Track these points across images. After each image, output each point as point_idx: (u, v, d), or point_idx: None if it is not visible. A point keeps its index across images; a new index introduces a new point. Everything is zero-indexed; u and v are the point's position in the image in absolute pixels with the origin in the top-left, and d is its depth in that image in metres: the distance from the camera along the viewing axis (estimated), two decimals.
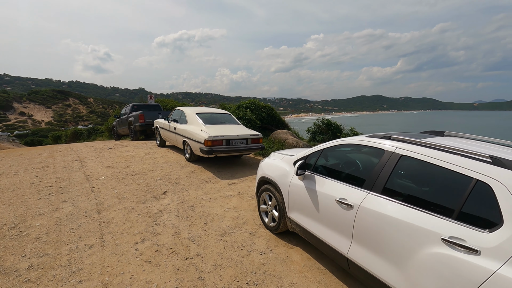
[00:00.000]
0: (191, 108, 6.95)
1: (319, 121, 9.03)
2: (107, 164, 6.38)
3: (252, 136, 5.98)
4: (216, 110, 7.04)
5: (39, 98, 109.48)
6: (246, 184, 5.11)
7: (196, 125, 6.14)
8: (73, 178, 5.39)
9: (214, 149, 5.51)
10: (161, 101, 17.04)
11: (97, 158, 7.23)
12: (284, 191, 3.10)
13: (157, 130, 8.38)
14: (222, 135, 5.60)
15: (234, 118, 6.90)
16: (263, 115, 9.26)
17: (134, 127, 10.77)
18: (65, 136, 28.88)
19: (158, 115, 10.79)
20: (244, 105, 9.30)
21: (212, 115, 6.74)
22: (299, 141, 6.46)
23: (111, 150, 8.29)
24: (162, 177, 5.36)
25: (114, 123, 13.36)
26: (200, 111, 6.67)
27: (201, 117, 6.37)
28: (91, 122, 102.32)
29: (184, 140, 6.34)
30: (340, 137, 8.61)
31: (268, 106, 9.83)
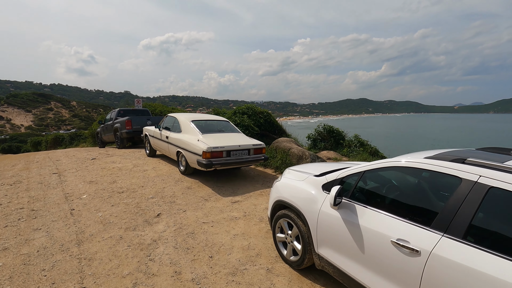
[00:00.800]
0: (185, 115, 6.31)
1: (320, 128, 8.56)
2: (90, 179, 5.63)
3: (254, 146, 5.41)
4: (213, 117, 6.43)
5: (18, 101, 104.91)
6: (251, 202, 4.52)
7: (192, 134, 5.51)
8: (50, 197, 4.64)
9: (214, 161, 4.90)
10: (149, 106, 16.20)
11: (79, 170, 6.46)
12: (310, 220, 2.54)
13: (146, 139, 7.66)
14: (222, 145, 5.00)
15: (233, 126, 6.31)
16: (261, 121, 8.70)
17: (120, 134, 9.98)
18: (46, 142, 27.41)
19: (147, 121, 10.06)
20: (241, 111, 8.71)
21: (209, 122, 6.13)
22: (305, 151, 5.94)
23: (94, 160, 7.51)
24: (154, 194, 4.69)
25: (98, 129, 12.47)
26: (196, 118, 6.04)
27: (197, 125, 5.74)
28: (74, 126, 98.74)
29: (178, 150, 5.69)
30: (344, 145, 8.18)
31: (266, 111, 9.29)
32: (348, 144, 7.91)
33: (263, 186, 5.32)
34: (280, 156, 6.20)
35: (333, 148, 8.14)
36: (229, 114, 8.84)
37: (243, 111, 8.69)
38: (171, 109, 16.67)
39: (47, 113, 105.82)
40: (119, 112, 10.87)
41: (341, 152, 7.79)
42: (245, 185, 5.31)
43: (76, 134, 24.49)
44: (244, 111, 8.70)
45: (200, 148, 4.91)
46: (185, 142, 5.41)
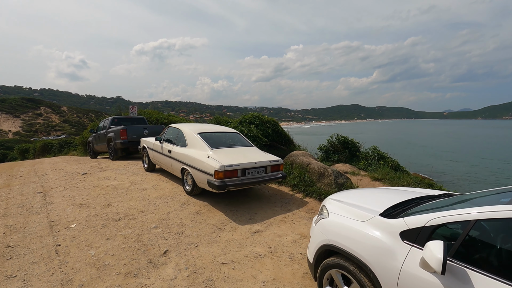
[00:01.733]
0: (190, 126, 5.60)
1: (333, 138, 7.95)
2: (80, 201, 4.85)
3: (272, 162, 4.73)
4: (221, 129, 5.73)
5: (6, 106, 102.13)
6: (274, 231, 3.83)
7: (200, 149, 4.80)
8: (31, 227, 3.86)
9: (228, 182, 4.20)
10: (144, 113, 15.40)
11: (68, 189, 5.66)
12: (384, 280, 1.86)
13: (144, 151, 6.90)
14: (236, 163, 4.31)
15: (244, 138, 5.63)
16: (269, 131, 8.05)
17: (114, 145, 9.18)
18: (34, 149, 26.20)
19: (144, 130, 9.30)
20: (248, 120, 8.03)
21: (217, 135, 5.44)
22: (326, 167, 5.28)
23: (86, 176, 6.70)
24: (158, 223, 3.95)
25: (90, 138, 11.62)
26: (203, 130, 5.33)
27: (204, 138, 5.04)
28: (64, 132, 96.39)
29: (184, 167, 4.97)
30: (360, 157, 7.57)
31: (273, 120, 8.64)
32: (365, 157, 7.30)
33: (282, 209, 4.63)
34: (297, 173, 5.53)
35: (348, 161, 7.53)
36: (234, 123, 8.15)
37: (250, 120, 8.02)
38: (167, 116, 15.89)
39: (36, 119, 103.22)
40: (113, 121, 10.07)
41: (358, 166, 7.18)
42: (262, 208, 4.61)
43: (66, 141, 23.38)
44: (251, 120, 8.03)
45: (211, 167, 4.21)
46: (192, 158, 4.70)
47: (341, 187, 5.02)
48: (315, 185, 5.21)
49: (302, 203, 4.88)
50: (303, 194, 5.21)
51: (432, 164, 23.84)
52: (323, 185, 5.09)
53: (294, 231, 3.86)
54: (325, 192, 4.91)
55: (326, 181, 5.10)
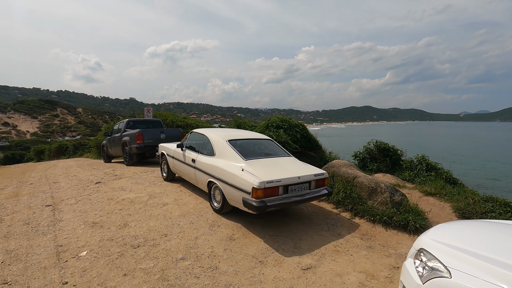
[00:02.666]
0: (217, 132, 4.88)
1: (371, 145, 7.09)
2: (93, 218, 4.20)
3: (316, 176, 3.95)
4: (251, 135, 4.98)
5: (25, 108, 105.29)
6: (330, 267, 3.04)
7: (231, 160, 4.07)
8: (35, 254, 3.21)
9: (268, 202, 3.45)
10: (159, 115, 14.89)
11: (80, 201, 5.05)
12: None
13: (163, 158, 6.23)
14: (278, 178, 3.55)
15: (279, 146, 4.86)
16: (298, 136, 7.27)
17: (129, 149, 8.61)
18: (49, 151, 26.34)
19: (160, 134, 8.69)
20: (275, 124, 7.26)
21: (249, 142, 4.70)
22: (378, 182, 4.43)
23: (99, 185, 6.10)
24: (185, 252, 3.23)
25: (104, 141, 11.13)
26: (232, 136, 4.59)
27: (235, 146, 4.31)
28: (80, 133, 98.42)
29: (211, 180, 4.25)
30: (404, 167, 6.66)
31: (301, 124, 7.85)
32: (410, 166, 6.40)
33: (331, 233, 3.84)
34: (341, 187, 4.72)
35: (389, 171, 6.65)
36: (260, 127, 7.39)
37: (277, 124, 7.25)
38: (183, 118, 15.32)
39: (53, 120, 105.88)
40: (128, 123, 9.52)
41: (402, 176, 6.30)
42: (306, 232, 3.83)
43: (80, 143, 23.31)
44: (278, 124, 7.26)
45: (248, 183, 3.47)
46: (222, 171, 3.98)
47: (399, 207, 4.18)
48: (365, 203, 4.39)
49: (352, 226, 4.07)
50: (351, 214, 4.40)
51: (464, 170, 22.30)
52: (376, 204, 4.26)
53: (355, 267, 3.06)
54: (380, 213, 4.08)
55: (379, 198, 4.27)
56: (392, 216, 3.99)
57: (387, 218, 4.00)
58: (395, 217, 3.97)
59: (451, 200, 4.93)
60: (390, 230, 3.95)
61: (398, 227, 3.97)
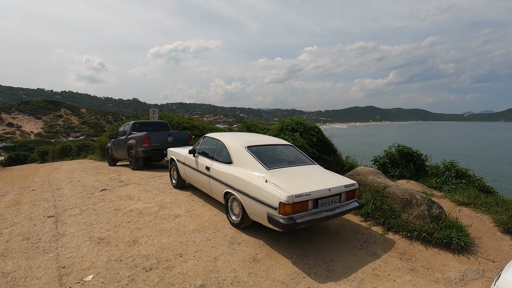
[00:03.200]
0: (233, 137, 4.48)
1: (392, 149, 6.64)
2: (99, 233, 3.82)
3: (347, 188, 3.54)
4: (270, 140, 4.54)
5: (29, 108, 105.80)
6: None
7: (252, 169, 3.67)
8: (34, 278, 2.83)
9: (298, 218, 3.04)
10: (164, 116, 14.53)
11: (84, 211, 4.67)
12: None
13: (172, 164, 5.84)
14: (307, 191, 3.15)
15: (300, 153, 4.45)
16: (313, 140, 6.85)
17: (136, 153, 8.24)
18: (52, 152, 26.14)
19: (168, 137, 8.31)
20: (289, 126, 6.83)
21: (269, 148, 4.29)
22: (413, 192, 4.00)
23: (105, 193, 5.73)
24: (204, 277, 2.83)
25: (109, 144, 10.78)
26: (251, 142, 4.18)
27: (255, 153, 3.90)
28: (83, 133, 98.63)
29: (228, 191, 3.85)
30: (429, 173, 6.20)
31: (316, 126, 7.43)
32: (436, 173, 5.96)
33: (365, 252, 3.41)
34: (370, 198, 4.29)
35: (412, 177, 6.21)
36: (274, 131, 6.97)
37: (292, 127, 6.82)
38: (188, 120, 14.95)
39: (57, 120, 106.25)
40: (134, 126, 9.16)
41: (428, 184, 5.85)
42: (337, 250, 3.41)
43: (84, 144, 23.05)
44: (293, 127, 6.83)
45: (275, 197, 3.06)
46: (242, 181, 3.58)
47: (438, 221, 3.75)
48: (398, 216, 3.96)
49: (387, 243, 3.64)
50: (383, 228, 3.97)
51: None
52: (412, 217, 3.84)
53: None
54: (418, 229, 3.66)
55: (415, 211, 3.84)
56: (433, 233, 3.56)
57: (426, 234, 3.57)
58: (435, 233, 3.55)
59: (489, 212, 4.49)
60: (431, 248, 3.53)
61: (440, 245, 3.55)
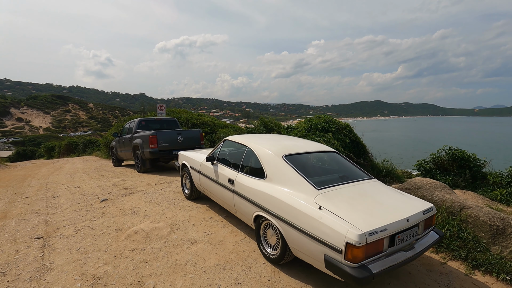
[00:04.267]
0: (264, 141, 3.52)
1: (441, 152, 5.64)
2: (94, 268, 2.95)
3: (425, 214, 2.59)
4: (309, 146, 3.55)
5: (37, 103, 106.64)
6: None
7: (294, 186, 2.73)
8: None
9: (373, 267, 2.11)
10: (172, 112, 13.67)
11: (79, 231, 3.82)
12: None
13: (184, 170, 4.95)
14: (383, 225, 2.21)
15: (350, 162, 3.48)
16: (347, 141, 5.87)
17: (142, 154, 7.39)
18: (59, 148, 25.80)
19: (177, 136, 7.43)
20: (319, 126, 5.86)
21: (311, 157, 3.36)
22: (508, 219, 3.04)
23: (106, 204, 4.88)
24: None
25: (113, 142, 9.97)
26: (289, 148, 3.21)
27: (295, 163, 2.96)
28: (91, 128, 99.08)
29: (260, 214, 2.93)
30: (491, 182, 4.92)
31: (348, 125, 6.43)
32: (500, 182, 4.94)
33: None
34: (440, 221, 3.32)
35: (468, 186, 5.21)
36: (301, 131, 5.98)
37: (323, 126, 5.83)
38: (197, 116, 14.05)
39: (65, 115, 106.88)
40: (140, 123, 8.30)
41: (490, 195, 4.84)
42: None
43: (90, 141, 22.51)
44: (324, 126, 5.84)
45: (338, 234, 2.13)
46: (282, 204, 2.65)
47: None
48: (486, 249, 2.99)
49: None
50: (466, 265, 3.00)
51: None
52: (507, 252, 2.86)
53: None
54: None
55: (508, 240, 2.87)
56: None
57: None
58: None
59: None
60: None
61: None
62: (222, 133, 11.62)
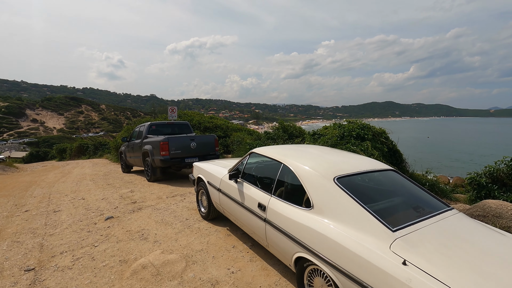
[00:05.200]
0: (302, 154, 2.79)
1: (500, 164, 4.79)
2: None
3: None
4: (362, 163, 2.76)
5: (52, 105, 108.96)
6: None
7: (356, 224, 2.00)
8: None
9: None
10: (183, 115, 13.10)
11: (77, 261, 3.18)
12: None
13: (200, 185, 4.26)
14: None
15: (410, 182, 2.71)
16: (385, 150, 5.08)
17: (152, 162, 6.78)
18: (70, 150, 25.85)
19: (190, 142, 6.79)
20: (354, 133, 5.08)
21: (367, 178, 2.61)
22: None
23: (111, 223, 4.25)
24: None
25: (122, 147, 9.43)
26: (340, 168, 2.48)
27: (353, 190, 2.22)
28: (103, 129, 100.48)
29: (304, 257, 2.21)
30: None
31: (384, 132, 5.63)
32: None
33: None
34: None
35: None
36: (332, 138, 5.19)
37: (358, 133, 5.05)
38: (209, 119, 13.45)
39: (78, 116, 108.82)
40: (150, 128, 7.71)
41: None
42: None
43: (101, 143, 22.34)
44: (359, 133, 5.06)
45: None
46: (341, 250, 1.92)
47: None
48: None
49: None
50: None
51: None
52: None
53: None
54: None
55: None
56: None
57: None
58: None
59: None
60: None
61: None
62: (235, 137, 10.96)
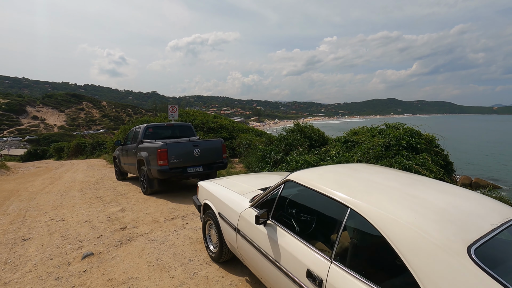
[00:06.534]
0: (391, 193, 1.72)
1: None
2: None
3: None
4: (481, 209, 1.69)
5: (52, 101, 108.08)
6: None
7: None
8: None
9: None
10: (185, 114, 12.00)
11: None
12: None
13: (208, 216, 3.18)
14: None
15: None
16: (441, 164, 3.98)
17: (148, 172, 5.71)
18: (68, 149, 24.99)
19: (194, 149, 5.71)
20: (404, 141, 3.94)
21: (502, 237, 1.54)
22: None
23: (89, 265, 3.17)
24: None
25: (116, 151, 8.36)
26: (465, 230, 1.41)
27: (496, 268, 1.15)
28: (104, 126, 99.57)
29: None
30: None
31: (433, 137, 4.49)
32: None
33: None
34: None
35: None
36: (375, 148, 4.06)
37: (408, 141, 3.89)
38: (214, 119, 12.33)
39: (79, 113, 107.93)
40: (146, 131, 6.62)
41: None
42: None
43: (99, 142, 21.38)
44: (409, 141, 3.90)
45: None
46: None
47: None
48: None
49: None
50: None
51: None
52: None
53: None
54: None
55: None
56: None
57: None
58: None
59: None
60: None
61: None
62: (243, 139, 9.87)
